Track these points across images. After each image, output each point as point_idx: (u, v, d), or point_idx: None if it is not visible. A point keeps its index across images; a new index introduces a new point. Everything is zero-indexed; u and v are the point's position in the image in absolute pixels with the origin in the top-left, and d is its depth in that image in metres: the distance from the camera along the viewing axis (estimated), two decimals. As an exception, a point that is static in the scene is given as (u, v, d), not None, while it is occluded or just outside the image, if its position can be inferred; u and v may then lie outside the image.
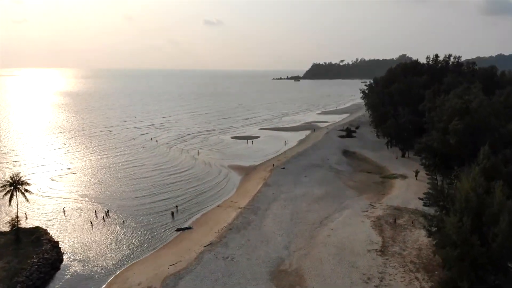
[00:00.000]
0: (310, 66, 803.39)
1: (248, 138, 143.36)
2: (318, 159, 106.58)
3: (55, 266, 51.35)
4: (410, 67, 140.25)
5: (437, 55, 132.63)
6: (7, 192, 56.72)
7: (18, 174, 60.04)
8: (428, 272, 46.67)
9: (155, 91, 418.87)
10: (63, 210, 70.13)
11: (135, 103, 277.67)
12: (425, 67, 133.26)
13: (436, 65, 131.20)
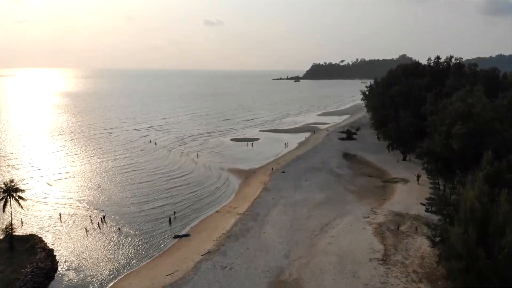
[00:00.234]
0: (310, 66, 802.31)
1: (248, 141, 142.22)
2: (318, 162, 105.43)
3: (50, 275, 50.16)
4: (411, 69, 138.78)
5: (438, 57, 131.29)
6: (1, 199, 55.65)
7: (13, 181, 58.98)
8: (431, 282, 45.45)
9: (155, 92, 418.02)
10: (59, 216, 68.97)
11: (135, 104, 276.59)
12: (426, 69, 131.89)
13: (437, 67, 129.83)
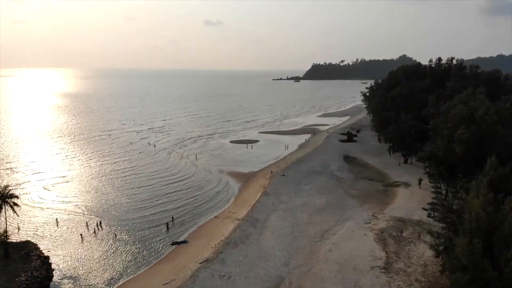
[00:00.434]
0: (310, 66, 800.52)
1: (247, 143, 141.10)
2: (318, 165, 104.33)
3: (44, 284, 48.90)
4: (412, 70, 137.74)
5: (440, 58, 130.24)
6: (-4, 205, 54.53)
7: (7, 187, 57.84)
8: (434, 292, 44.48)
9: (155, 92, 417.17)
10: (56, 221, 67.88)
11: (135, 105, 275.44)
12: (427, 71, 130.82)
13: (438, 68, 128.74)
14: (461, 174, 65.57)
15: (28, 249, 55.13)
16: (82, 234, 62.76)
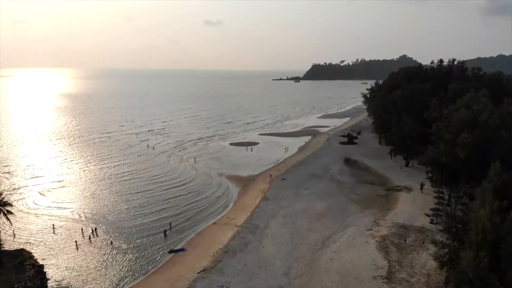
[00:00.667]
0: (310, 67, 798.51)
1: (247, 145, 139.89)
2: (319, 169, 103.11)
3: (39, 295, 48.02)
4: (413, 72, 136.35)
5: (441, 60, 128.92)
6: (-11, 213, 53.48)
7: (1, 194, 56.77)
8: (438, 304, 43.29)
9: (155, 92, 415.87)
10: (53, 228, 66.67)
11: (135, 106, 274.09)
12: (429, 72, 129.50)
13: (440, 70, 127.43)
14: (464, 179, 64.49)
15: (22, 257, 54.10)
16: (77, 242, 61.48)
